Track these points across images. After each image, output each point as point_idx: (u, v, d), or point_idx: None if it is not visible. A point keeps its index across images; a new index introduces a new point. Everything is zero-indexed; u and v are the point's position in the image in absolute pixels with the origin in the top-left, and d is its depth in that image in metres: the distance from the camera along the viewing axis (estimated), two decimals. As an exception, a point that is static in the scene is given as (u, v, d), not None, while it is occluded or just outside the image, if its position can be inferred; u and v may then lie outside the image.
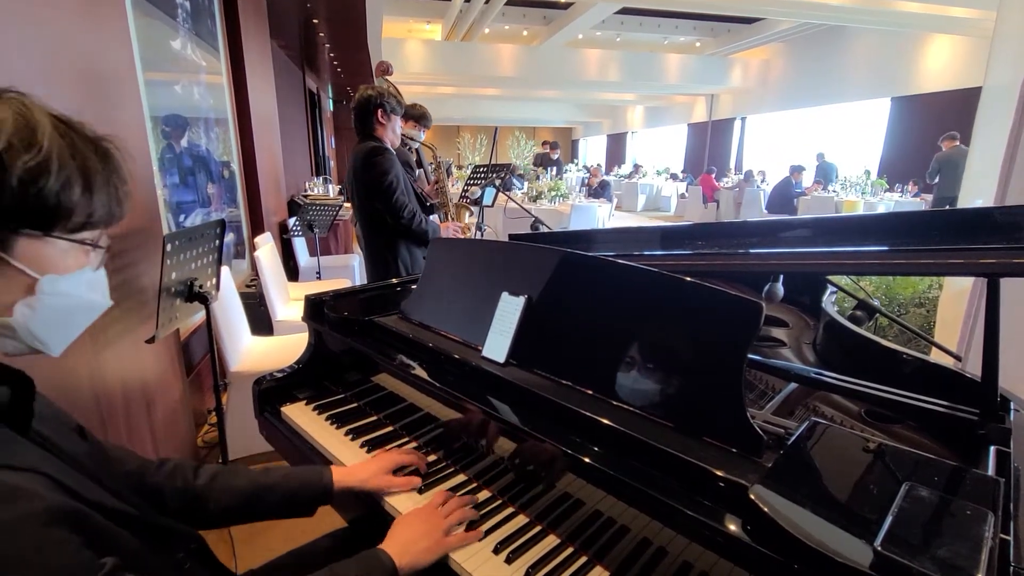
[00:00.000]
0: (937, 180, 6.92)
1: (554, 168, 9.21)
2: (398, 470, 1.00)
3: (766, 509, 0.62)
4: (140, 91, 2.01)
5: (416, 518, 0.86)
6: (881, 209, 7.92)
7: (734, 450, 0.76)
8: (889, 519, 0.58)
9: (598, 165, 10.37)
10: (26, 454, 0.52)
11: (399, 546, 0.80)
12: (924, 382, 1.08)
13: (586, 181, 9.87)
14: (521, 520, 0.92)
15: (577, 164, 18.08)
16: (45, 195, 0.50)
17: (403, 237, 2.35)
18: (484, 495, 0.98)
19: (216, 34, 3.19)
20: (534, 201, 7.07)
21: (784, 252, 1.14)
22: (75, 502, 0.51)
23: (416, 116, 2.88)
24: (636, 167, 15.23)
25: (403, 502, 0.96)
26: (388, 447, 1.14)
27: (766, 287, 1.40)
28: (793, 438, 0.77)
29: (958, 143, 6.83)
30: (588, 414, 0.86)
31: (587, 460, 0.81)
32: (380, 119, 2.30)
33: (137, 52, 2.00)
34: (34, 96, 0.54)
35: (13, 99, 0.51)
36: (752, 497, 0.63)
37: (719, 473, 0.69)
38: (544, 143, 10.61)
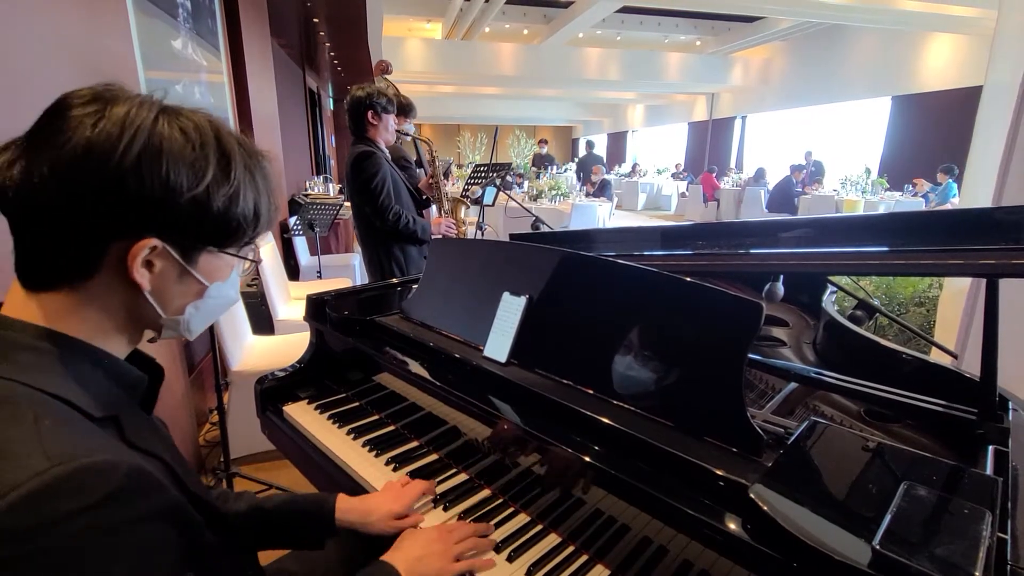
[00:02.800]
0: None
1: (552, 166, 9.24)
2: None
3: (765, 508, 0.62)
4: (141, 90, 2.02)
5: (428, 537, 0.82)
6: (882, 209, 7.92)
7: (734, 449, 0.77)
8: (888, 518, 0.59)
9: (596, 164, 10.35)
10: (152, 439, 0.58)
11: (408, 562, 0.78)
12: (923, 381, 1.08)
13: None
14: (522, 519, 0.92)
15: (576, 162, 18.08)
16: (232, 218, 0.57)
17: (394, 237, 2.39)
18: (484, 494, 0.99)
19: (217, 33, 3.19)
20: (535, 200, 7.07)
21: (784, 252, 1.15)
22: (180, 493, 0.55)
23: (400, 109, 2.88)
24: (635, 166, 15.23)
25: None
26: (393, 452, 1.14)
27: (766, 287, 1.40)
28: (793, 437, 0.77)
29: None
30: (589, 413, 0.86)
31: (588, 459, 0.81)
32: (371, 120, 2.35)
33: (138, 51, 2.00)
34: (215, 114, 0.59)
35: (203, 116, 0.57)
36: (752, 496, 0.64)
37: (719, 472, 0.70)
38: (540, 141, 10.68)
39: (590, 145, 11.18)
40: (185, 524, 0.53)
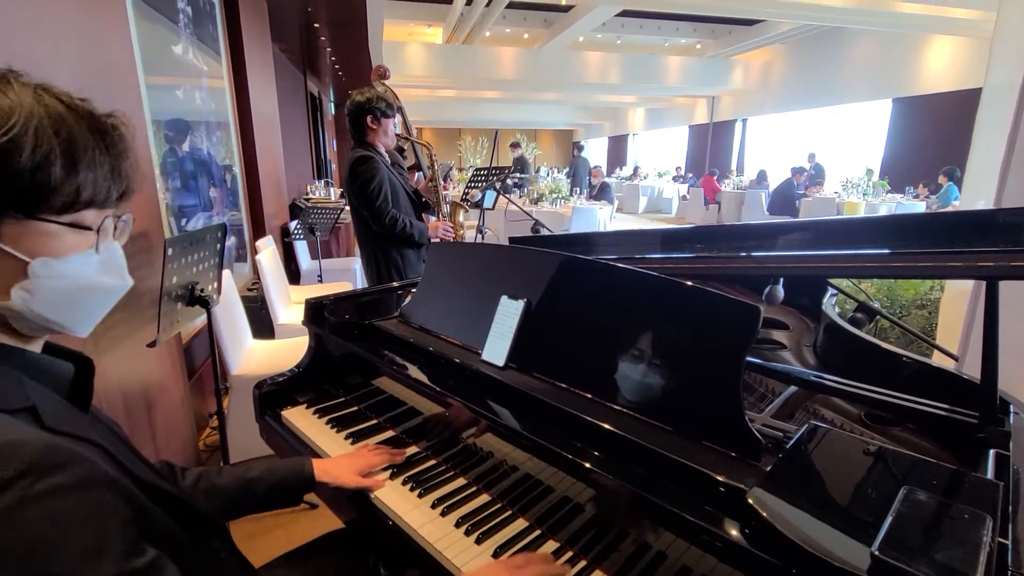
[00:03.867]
0: None
1: (526, 173, 9.26)
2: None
3: (764, 513, 0.62)
4: (142, 95, 2.03)
5: (494, 570, 0.79)
6: (883, 211, 7.90)
7: (733, 454, 0.76)
8: (887, 523, 0.58)
9: (597, 167, 10.38)
10: (85, 426, 0.55)
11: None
12: (924, 385, 1.07)
13: (588, 182, 9.91)
14: (520, 524, 0.92)
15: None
16: (17, 174, 0.47)
17: (391, 241, 2.40)
18: (483, 499, 0.98)
19: (218, 38, 3.20)
20: (535, 203, 7.08)
21: (784, 255, 1.14)
22: (126, 478, 0.54)
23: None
24: (636, 169, 15.24)
25: (418, 518, 0.96)
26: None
27: (766, 289, 1.40)
28: (792, 441, 0.77)
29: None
30: (587, 418, 0.86)
31: (587, 464, 0.81)
32: (371, 124, 2.38)
33: (138, 56, 2.01)
34: (29, 76, 0.52)
35: (6, 83, 0.50)
36: (750, 501, 0.63)
37: (718, 477, 0.69)
38: (512, 145, 10.71)
39: (579, 148, 11.21)
40: (131, 500, 0.52)
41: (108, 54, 1.73)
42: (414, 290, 1.43)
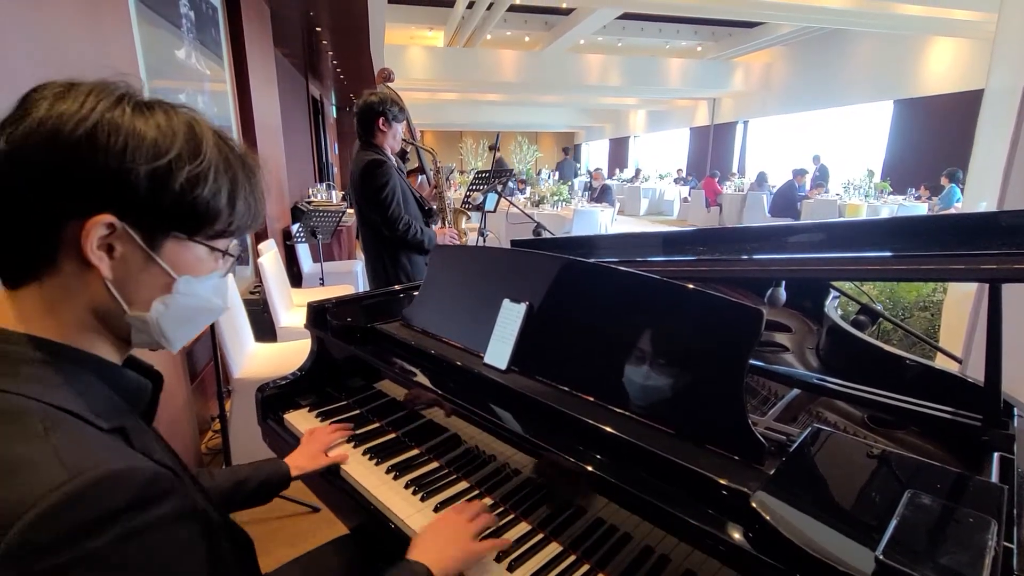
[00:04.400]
0: None
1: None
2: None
3: (767, 517, 0.62)
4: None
5: (442, 525, 0.85)
6: (885, 213, 7.89)
7: (736, 457, 0.76)
8: (891, 526, 0.58)
9: (598, 169, 10.42)
10: (159, 450, 0.57)
11: (431, 554, 0.78)
12: (927, 387, 1.07)
13: (588, 185, 9.91)
14: (523, 528, 0.92)
15: (580, 169, 18.11)
16: (198, 201, 0.54)
17: (401, 245, 2.38)
18: (486, 502, 0.98)
19: (220, 43, 3.22)
20: (536, 206, 7.09)
21: (786, 258, 1.14)
22: (200, 502, 0.55)
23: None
24: (637, 172, 15.24)
25: (422, 523, 0.95)
26: (393, 460, 1.14)
27: (768, 292, 1.39)
28: (795, 445, 0.77)
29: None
30: (590, 422, 0.86)
31: (589, 468, 0.81)
32: (381, 127, 2.34)
33: (141, 60, 2.02)
34: (201, 112, 0.59)
35: (185, 112, 0.56)
36: (753, 504, 0.63)
37: (721, 481, 0.69)
38: (491, 147, 10.65)
39: (566, 151, 11.19)
40: (207, 525, 0.53)
41: (111, 58, 1.74)
42: (416, 293, 1.43)
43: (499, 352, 1.08)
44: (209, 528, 0.53)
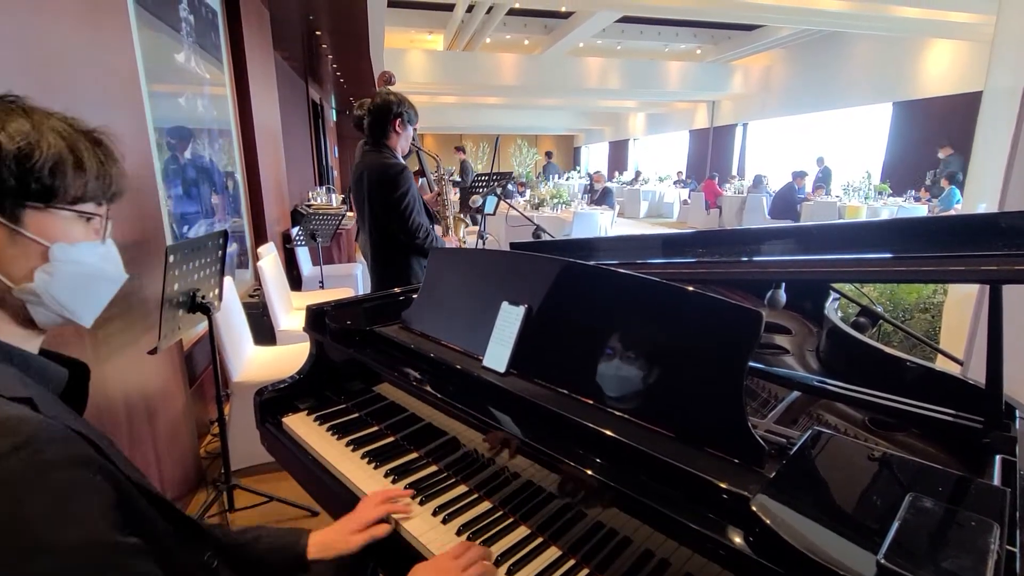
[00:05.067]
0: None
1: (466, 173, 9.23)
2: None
3: (768, 520, 0.61)
4: (144, 102, 2.04)
5: (438, 566, 0.81)
6: (885, 215, 7.89)
7: (736, 460, 0.76)
8: (893, 530, 0.58)
9: (598, 172, 10.41)
10: (78, 423, 0.58)
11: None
12: (928, 389, 1.07)
13: (588, 187, 9.91)
14: (522, 531, 0.91)
15: (580, 171, 18.13)
16: (38, 171, 0.57)
17: (411, 250, 2.34)
18: (484, 506, 0.98)
19: (220, 46, 3.22)
20: (536, 209, 7.09)
21: (786, 260, 1.14)
22: (119, 473, 0.56)
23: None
24: (637, 174, 15.25)
25: (419, 526, 0.94)
26: (392, 464, 1.13)
27: (768, 294, 1.39)
28: (795, 447, 0.76)
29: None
30: (590, 425, 0.85)
31: (589, 472, 0.80)
32: (397, 128, 2.27)
33: (141, 64, 2.02)
34: (30, 99, 0.62)
35: (12, 105, 0.60)
36: (754, 508, 0.63)
37: (721, 484, 0.69)
38: (457, 148, 10.59)
39: (548, 155, 11.18)
40: (119, 488, 0.55)
41: (111, 62, 1.74)
42: (415, 296, 1.43)
43: (498, 355, 1.07)
44: (115, 486, 0.55)
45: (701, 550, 0.68)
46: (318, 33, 5.30)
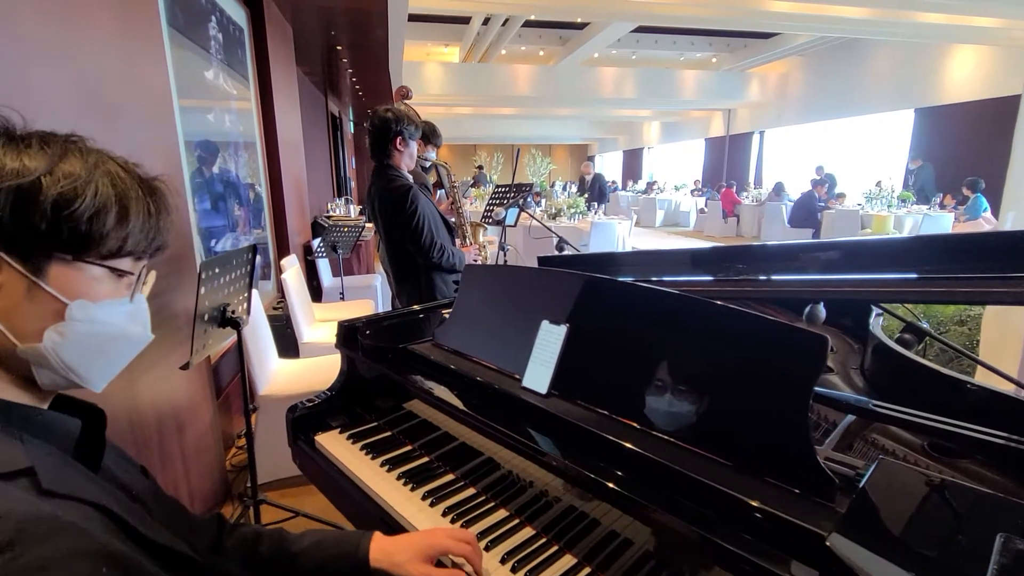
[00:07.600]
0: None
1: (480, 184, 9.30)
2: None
3: (847, 562, 0.57)
4: (175, 117, 2.07)
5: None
6: (909, 223, 7.73)
7: (797, 491, 0.72)
8: (987, 576, 0.54)
9: (586, 161, 10.30)
10: (91, 487, 0.51)
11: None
12: (988, 412, 1.01)
13: (580, 180, 9.83)
14: (568, 560, 0.88)
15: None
16: (76, 219, 0.50)
17: (432, 267, 2.32)
18: (527, 532, 0.95)
19: (246, 63, 3.28)
20: (553, 219, 7.07)
21: (833, 279, 1.10)
22: (127, 546, 0.49)
23: (426, 135, 2.81)
24: (649, 184, 15.17)
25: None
26: (428, 486, 1.11)
27: (807, 309, 1.35)
28: (864, 479, 0.72)
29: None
30: (641, 451, 0.82)
31: (640, 499, 0.77)
32: (398, 147, 2.22)
33: (173, 81, 2.06)
34: (94, 140, 0.56)
35: (66, 138, 0.54)
36: (832, 548, 0.59)
37: (790, 519, 0.65)
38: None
39: (479, 168, 11.26)
40: (128, 573, 0.47)
41: (145, 78, 1.77)
42: (445, 311, 1.41)
43: (538, 375, 1.05)
44: (125, 572, 0.46)
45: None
46: (339, 48, 5.37)
